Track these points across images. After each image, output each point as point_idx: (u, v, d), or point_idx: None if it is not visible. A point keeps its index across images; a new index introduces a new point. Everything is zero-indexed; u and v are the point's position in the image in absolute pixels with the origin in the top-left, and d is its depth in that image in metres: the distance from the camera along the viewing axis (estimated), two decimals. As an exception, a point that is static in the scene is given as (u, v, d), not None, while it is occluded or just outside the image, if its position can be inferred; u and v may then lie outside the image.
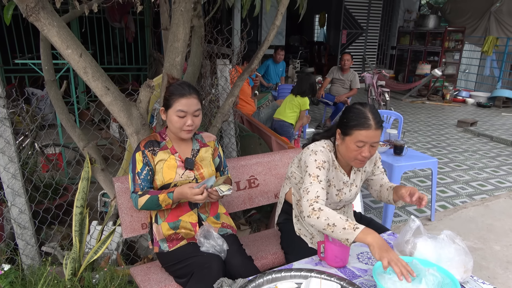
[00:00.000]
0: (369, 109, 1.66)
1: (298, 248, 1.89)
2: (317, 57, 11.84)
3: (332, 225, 1.48)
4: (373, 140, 1.64)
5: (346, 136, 1.68)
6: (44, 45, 2.39)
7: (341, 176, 1.83)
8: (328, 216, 1.50)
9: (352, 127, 1.65)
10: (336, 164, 1.80)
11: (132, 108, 2.07)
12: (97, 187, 2.62)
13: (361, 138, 1.63)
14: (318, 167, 1.69)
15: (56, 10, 1.82)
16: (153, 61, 7.08)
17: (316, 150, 1.74)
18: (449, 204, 3.82)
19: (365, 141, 1.63)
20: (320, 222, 1.51)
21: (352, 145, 1.66)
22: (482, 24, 9.77)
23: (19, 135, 3.14)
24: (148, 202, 1.72)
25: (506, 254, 2.93)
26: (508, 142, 5.96)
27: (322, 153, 1.74)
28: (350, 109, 1.70)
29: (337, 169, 1.81)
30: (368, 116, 1.63)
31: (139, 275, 1.88)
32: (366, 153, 1.66)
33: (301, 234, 1.93)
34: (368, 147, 1.65)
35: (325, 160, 1.72)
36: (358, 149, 1.66)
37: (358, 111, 1.66)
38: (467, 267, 1.46)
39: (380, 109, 6.58)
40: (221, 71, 3.10)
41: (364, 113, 1.64)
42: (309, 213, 1.55)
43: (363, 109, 1.66)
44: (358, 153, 1.67)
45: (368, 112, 1.64)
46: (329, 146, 1.80)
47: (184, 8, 2.01)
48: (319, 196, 1.60)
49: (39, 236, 2.39)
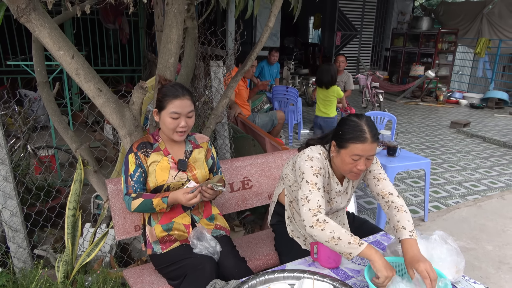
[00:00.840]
0: (365, 121, 1.61)
1: (291, 249, 1.90)
2: (312, 59, 11.87)
3: (338, 239, 1.45)
4: (369, 153, 1.60)
5: (341, 149, 1.63)
6: (36, 47, 2.37)
7: (334, 186, 1.79)
8: (333, 230, 1.47)
9: (347, 140, 1.60)
10: (330, 172, 1.77)
11: (125, 110, 2.06)
12: (90, 189, 2.61)
13: (357, 151, 1.59)
14: (315, 174, 1.65)
15: (49, 11, 1.82)
16: (147, 62, 7.06)
17: (312, 156, 1.70)
18: (442, 204, 3.84)
19: (361, 154, 1.59)
20: (325, 234, 1.47)
21: (347, 158, 1.62)
22: (475, 26, 9.87)
23: (11, 137, 3.12)
24: (142, 206, 1.72)
25: (498, 254, 2.95)
26: (500, 143, 6.01)
27: (318, 160, 1.69)
28: (345, 121, 1.66)
29: (330, 177, 1.78)
30: (364, 129, 1.59)
31: (132, 278, 1.87)
32: (362, 166, 1.62)
33: (294, 236, 1.93)
34: (364, 160, 1.61)
35: (321, 167, 1.68)
36: (354, 162, 1.62)
37: (354, 124, 1.61)
38: (459, 267, 1.47)
39: (374, 111, 6.62)
40: (215, 72, 3.10)
41: (360, 126, 1.60)
42: (313, 224, 1.51)
43: (359, 121, 1.61)
44: (353, 166, 1.63)
45: (364, 125, 1.60)
46: (324, 153, 1.75)
47: (177, 10, 2.01)
48: (321, 206, 1.56)
49: (31, 239, 2.37)
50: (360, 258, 1.64)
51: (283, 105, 5.74)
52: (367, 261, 1.60)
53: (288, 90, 5.68)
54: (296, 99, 5.64)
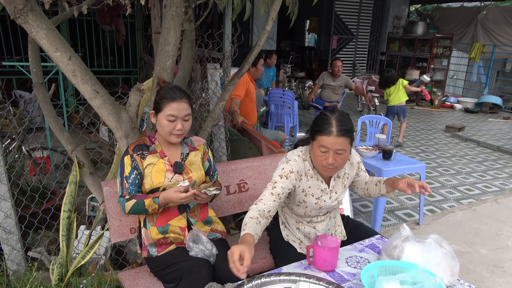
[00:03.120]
0: (335, 116, 1.67)
1: (287, 253, 1.90)
2: (308, 62, 11.93)
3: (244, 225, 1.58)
4: (335, 147, 1.64)
5: (313, 141, 1.72)
6: (32, 47, 2.36)
7: (319, 184, 1.82)
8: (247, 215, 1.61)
9: (316, 132, 1.69)
10: (311, 173, 1.80)
11: (122, 112, 2.05)
12: (86, 191, 2.60)
13: (323, 143, 1.65)
14: (281, 175, 1.73)
15: (45, 12, 1.81)
16: (143, 64, 7.05)
17: (289, 159, 1.78)
18: (437, 208, 3.86)
19: (327, 146, 1.65)
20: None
21: (317, 150, 1.69)
22: (470, 32, 9.97)
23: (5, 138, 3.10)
24: (135, 207, 1.71)
25: (492, 257, 2.97)
26: (494, 147, 6.06)
27: (295, 162, 1.76)
28: (319, 116, 1.74)
29: (313, 177, 1.81)
30: (331, 122, 1.65)
31: (127, 280, 1.86)
32: (330, 160, 1.66)
33: (289, 240, 1.93)
34: (332, 154, 1.66)
35: (292, 170, 1.74)
36: (322, 154, 1.67)
37: (325, 117, 1.69)
38: (453, 270, 1.48)
39: (369, 114, 6.65)
40: (212, 75, 3.10)
41: (328, 120, 1.66)
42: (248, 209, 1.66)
43: (329, 115, 1.68)
44: (323, 159, 1.68)
45: (333, 119, 1.66)
46: (304, 154, 1.81)
47: (175, 12, 2.01)
48: (262, 199, 1.68)
49: (25, 241, 2.35)
50: (356, 261, 1.65)
51: (279, 108, 5.76)
52: (363, 264, 1.61)
53: (284, 93, 5.70)
54: (292, 102, 5.65)
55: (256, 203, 1.67)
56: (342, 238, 2.00)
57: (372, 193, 1.97)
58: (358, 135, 4.10)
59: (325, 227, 1.91)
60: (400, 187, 1.77)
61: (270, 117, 5.89)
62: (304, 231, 1.91)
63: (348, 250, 1.73)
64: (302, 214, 1.87)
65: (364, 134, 6.34)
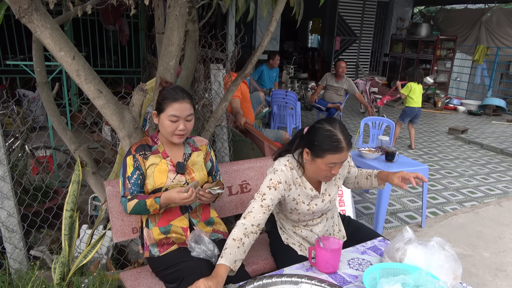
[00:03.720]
0: (339, 129, 1.63)
1: (287, 256, 1.89)
2: (311, 63, 11.91)
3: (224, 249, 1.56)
4: (344, 159, 1.66)
5: (317, 158, 1.65)
6: (36, 47, 2.37)
7: (308, 192, 1.79)
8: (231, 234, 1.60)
9: (324, 151, 1.62)
10: (299, 181, 1.78)
11: (125, 112, 2.06)
12: (88, 190, 2.60)
13: (334, 160, 1.63)
14: (269, 186, 1.70)
15: (50, 11, 1.82)
16: (146, 64, 7.06)
17: (276, 169, 1.74)
18: (439, 211, 3.85)
19: (337, 162, 1.65)
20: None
21: (323, 167, 1.66)
22: (473, 34, 9.94)
23: (9, 137, 3.11)
24: (136, 207, 1.71)
25: (495, 261, 2.96)
26: (498, 150, 6.04)
27: (282, 172, 1.72)
28: (319, 130, 1.65)
29: (301, 185, 1.78)
30: (340, 138, 1.61)
31: (129, 280, 1.86)
32: (336, 171, 1.68)
33: (289, 243, 1.93)
34: (338, 165, 1.68)
35: (280, 181, 1.71)
36: (329, 168, 1.66)
37: (330, 134, 1.62)
38: (456, 273, 1.47)
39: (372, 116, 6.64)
40: (215, 75, 3.11)
41: (336, 136, 1.62)
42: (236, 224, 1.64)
43: (334, 130, 1.62)
44: (328, 172, 1.68)
45: (340, 133, 1.62)
46: (291, 163, 1.77)
47: (179, 13, 2.02)
48: (251, 212, 1.64)
49: (27, 240, 2.36)
50: (358, 263, 1.64)
51: (282, 109, 5.75)
52: (365, 267, 1.61)
53: (287, 94, 5.69)
54: (295, 103, 5.65)
55: (245, 217, 1.63)
56: (342, 239, 1.99)
57: (362, 186, 1.99)
58: (360, 136, 4.09)
59: (323, 228, 1.91)
60: (395, 183, 1.75)
61: (272, 118, 5.89)
62: (301, 234, 1.90)
63: (350, 252, 1.72)
64: (296, 220, 1.87)
65: (366, 135, 6.33)
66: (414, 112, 5.70)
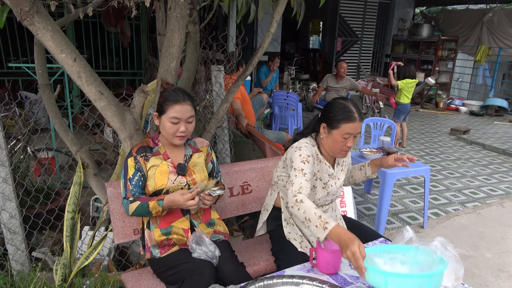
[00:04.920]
0: (351, 102, 1.80)
1: (288, 252, 1.90)
2: (312, 64, 11.92)
3: (308, 220, 1.54)
4: (357, 131, 1.78)
5: (333, 129, 1.79)
6: (38, 49, 2.38)
7: (326, 169, 1.91)
8: (305, 210, 1.56)
9: (339, 121, 1.76)
10: (320, 157, 1.90)
11: (126, 113, 2.06)
12: (89, 192, 2.61)
13: (348, 130, 1.76)
14: (303, 161, 1.77)
15: (51, 14, 1.82)
16: (148, 66, 7.08)
17: (300, 146, 1.84)
18: (441, 211, 3.84)
19: (351, 132, 1.77)
20: (300, 214, 1.58)
21: (339, 137, 1.78)
22: (475, 34, 9.92)
23: (11, 139, 3.12)
24: (139, 209, 1.72)
25: (497, 262, 2.95)
26: (500, 151, 6.02)
27: (306, 148, 1.83)
28: (334, 104, 1.81)
29: (321, 162, 1.90)
30: (352, 109, 1.76)
31: (130, 281, 1.87)
32: (351, 143, 1.80)
33: (290, 238, 1.94)
34: (352, 138, 1.79)
35: (309, 154, 1.81)
36: (344, 140, 1.78)
37: (343, 106, 1.78)
38: (458, 274, 1.46)
39: (374, 117, 6.63)
40: (216, 77, 3.11)
41: (349, 107, 1.77)
42: (293, 204, 1.61)
43: (346, 103, 1.79)
44: (344, 144, 1.79)
45: (352, 105, 1.78)
46: (311, 141, 1.90)
47: (179, 14, 2.02)
48: (302, 187, 1.67)
49: (29, 241, 2.36)
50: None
51: (283, 110, 5.75)
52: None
53: (288, 95, 5.69)
54: (297, 104, 5.65)
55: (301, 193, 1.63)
56: None
57: (357, 178, 2.09)
58: (362, 137, 4.09)
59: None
60: (390, 163, 1.90)
61: (274, 119, 5.89)
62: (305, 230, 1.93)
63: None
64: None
65: (368, 136, 6.32)
66: (407, 108, 5.86)
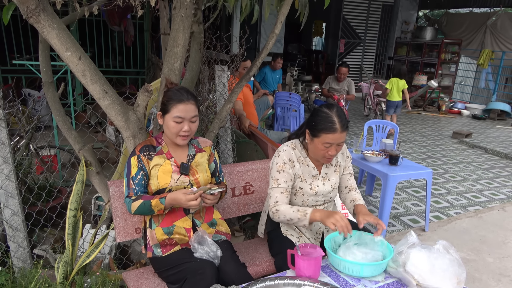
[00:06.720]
0: (335, 112, 1.79)
1: (285, 249, 1.89)
2: (315, 66, 11.91)
3: (290, 219, 1.79)
4: (339, 141, 1.79)
5: (314, 137, 1.82)
6: (42, 47, 2.39)
7: (310, 170, 1.94)
8: (284, 214, 1.80)
9: (320, 131, 1.79)
10: (303, 160, 1.93)
11: (130, 112, 2.07)
12: (92, 190, 2.61)
13: (328, 140, 1.78)
14: (278, 170, 1.88)
15: (56, 12, 1.83)
16: (151, 65, 7.10)
17: (279, 150, 1.91)
18: (443, 215, 3.83)
19: (332, 142, 1.78)
20: (282, 219, 1.82)
21: (320, 146, 1.81)
22: (478, 37, 9.91)
23: (14, 136, 3.12)
24: (141, 207, 1.72)
25: (498, 266, 2.94)
26: (502, 154, 6.00)
27: (284, 152, 1.89)
28: (318, 112, 1.83)
29: (304, 164, 1.93)
30: (334, 120, 1.77)
31: (131, 280, 1.87)
32: (333, 152, 1.82)
33: (287, 235, 1.98)
34: (334, 147, 1.81)
35: (285, 162, 1.88)
36: (326, 148, 1.81)
37: (326, 115, 1.79)
38: (460, 278, 1.47)
39: (376, 119, 6.63)
40: (219, 77, 3.11)
41: (331, 117, 1.77)
42: (272, 215, 1.85)
43: (330, 112, 1.79)
44: (325, 152, 1.82)
45: (335, 116, 1.78)
46: (293, 144, 1.95)
47: (184, 14, 2.02)
48: (277, 202, 1.85)
49: (31, 239, 2.37)
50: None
51: (286, 111, 5.75)
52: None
53: (291, 96, 5.70)
54: (299, 106, 5.65)
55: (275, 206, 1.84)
56: None
57: (346, 205, 2.07)
58: (364, 139, 4.08)
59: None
60: (358, 220, 1.84)
61: (276, 120, 5.89)
62: None
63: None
64: (300, 203, 1.95)
65: (370, 139, 6.32)
66: (394, 104, 6.50)
